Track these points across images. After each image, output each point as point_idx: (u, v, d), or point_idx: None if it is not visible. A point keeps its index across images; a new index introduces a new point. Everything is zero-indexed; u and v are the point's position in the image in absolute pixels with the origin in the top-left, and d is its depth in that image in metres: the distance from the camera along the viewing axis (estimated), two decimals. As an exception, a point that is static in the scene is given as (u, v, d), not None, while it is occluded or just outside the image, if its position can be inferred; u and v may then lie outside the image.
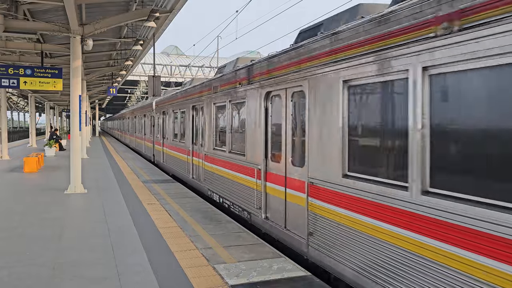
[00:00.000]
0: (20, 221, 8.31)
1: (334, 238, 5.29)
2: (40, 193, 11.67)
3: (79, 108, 12.31)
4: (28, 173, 16.03)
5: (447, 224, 3.61)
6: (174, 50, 55.86)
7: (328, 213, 5.42)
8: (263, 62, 7.61)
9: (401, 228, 4.14)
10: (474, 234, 3.36)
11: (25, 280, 5.24)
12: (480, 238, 3.31)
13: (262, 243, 6.84)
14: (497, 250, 3.18)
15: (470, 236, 3.40)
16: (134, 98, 63.45)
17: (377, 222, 4.50)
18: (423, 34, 3.90)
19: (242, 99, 8.59)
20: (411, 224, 4.01)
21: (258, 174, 7.77)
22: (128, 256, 6.18)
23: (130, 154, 25.88)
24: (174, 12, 11.70)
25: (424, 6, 3.89)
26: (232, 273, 5.43)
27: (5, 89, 23.02)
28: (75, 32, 11.90)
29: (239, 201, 8.75)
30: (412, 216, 4.00)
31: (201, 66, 43.45)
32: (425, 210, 3.86)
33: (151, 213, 9.01)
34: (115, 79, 28.79)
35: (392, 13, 4.34)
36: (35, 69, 13.89)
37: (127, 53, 20.27)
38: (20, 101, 54.81)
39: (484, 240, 3.28)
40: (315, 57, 5.77)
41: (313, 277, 5.38)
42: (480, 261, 3.31)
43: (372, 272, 4.58)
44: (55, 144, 26.53)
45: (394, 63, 4.27)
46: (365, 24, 4.77)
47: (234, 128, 9.30)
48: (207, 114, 11.12)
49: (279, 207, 7.06)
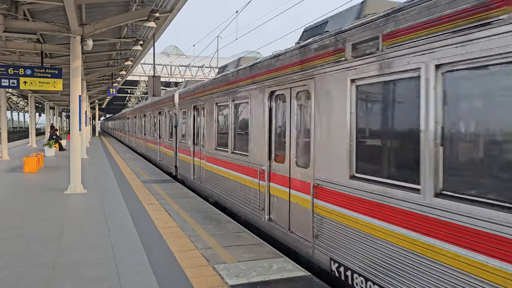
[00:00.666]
0: (20, 221, 8.31)
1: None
2: (40, 193, 11.67)
3: (79, 108, 12.32)
4: (28, 173, 16.03)
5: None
6: (174, 50, 55.87)
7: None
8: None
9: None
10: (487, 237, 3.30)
11: (25, 280, 5.24)
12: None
13: (262, 243, 6.84)
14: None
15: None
16: (134, 98, 63.44)
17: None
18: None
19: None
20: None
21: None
22: (128, 256, 6.18)
23: (130, 154, 25.88)
24: (174, 12, 11.70)
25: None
26: (232, 273, 5.44)
27: (5, 89, 23.02)
28: (75, 32, 11.90)
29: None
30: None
31: (201, 66, 43.44)
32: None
33: (151, 213, 9.01)
34: (115, 79, 28.79)
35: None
36: (35, 69, 13.89)
37: (127, 53, 20.27)
38: (20, 101, 54.81)
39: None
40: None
41: (313, 277, 5.38)
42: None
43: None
44: (55, 144, 26.52)
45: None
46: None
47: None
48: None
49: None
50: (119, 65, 23.98)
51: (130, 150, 30.76)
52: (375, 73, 4.59)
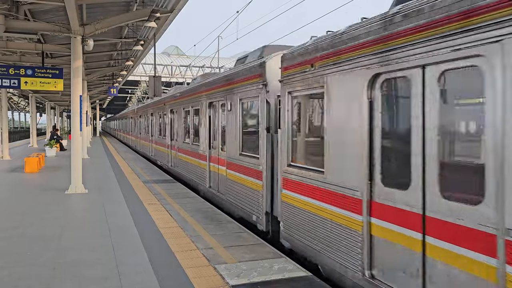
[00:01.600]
0: (20, 221, 8.31)
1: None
2: (40, 193, 11.68)
3: (80, 108, 12.32)
4: (29, 173, 16.03)
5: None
6: (174, 50, 55.86)
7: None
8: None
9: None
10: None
11: (25, 280, 5.24)
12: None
13: (262, 243, 6.83)
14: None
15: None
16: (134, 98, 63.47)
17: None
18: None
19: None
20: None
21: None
22: (129, 256, 6.17)
23: (131, 155, 25.88)
24: (174, 12, 11.71)
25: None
26: (233, 273, 5.43)
27: (6, 90, 23.04)
28: (76, 32, 11.91)
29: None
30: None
31: (201, 66, 43.39)
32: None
33: (152, 213, 9.00)
34: (115, 79, 28.80)
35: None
36: (36, 70, 13.89)
37: (128, 53, 20.27)
38: (21, 101, 54.87)
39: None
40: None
41: (314, 277, 5.37)
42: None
43: None
44: (56, 144, 26.54)
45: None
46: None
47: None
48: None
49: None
50: (119, 65, 23.99)
51: (131, 150, 30.68)
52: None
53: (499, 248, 3.23)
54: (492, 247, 3.30)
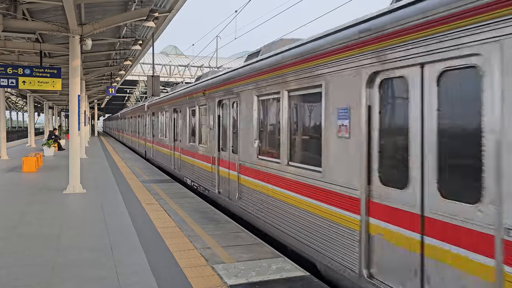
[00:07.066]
0: (19, 221, 8.30)
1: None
2: (38, 192, 11.66)
3: (78, 108, 12.31)
4: (27, 173, 16.01)
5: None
6: (173, 50, 55.86)
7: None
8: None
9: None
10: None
11: (24, 280, 5.24)
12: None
13: (260, 243, 6.85)
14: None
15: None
16: (133, 98, 63.39)
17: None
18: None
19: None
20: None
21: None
22: (127, 256, 6.18)
23: (129, 155, 25.86)
24: (173, 12, 11.72)
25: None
26: (231, 273, 5.44)
27: (4, 89, 22.99)
28: (74, 32, 11.89)
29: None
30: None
31: (200, 66, 43.39)
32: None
33: (150, 213, 9.00)
34: (114, 79, 28.82)
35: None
36: (34, 69, 13.87)
37: (126, 53, 20.27)
38: (19, 100, 54.72)
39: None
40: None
41: (312, 277, 5.38)
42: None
43: None
44: (54, 144, 26.51)
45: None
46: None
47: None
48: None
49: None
50: (118, 64, 23.97)
51: (130, 150, 30.58)
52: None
53: (497, 248, 3.23)
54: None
